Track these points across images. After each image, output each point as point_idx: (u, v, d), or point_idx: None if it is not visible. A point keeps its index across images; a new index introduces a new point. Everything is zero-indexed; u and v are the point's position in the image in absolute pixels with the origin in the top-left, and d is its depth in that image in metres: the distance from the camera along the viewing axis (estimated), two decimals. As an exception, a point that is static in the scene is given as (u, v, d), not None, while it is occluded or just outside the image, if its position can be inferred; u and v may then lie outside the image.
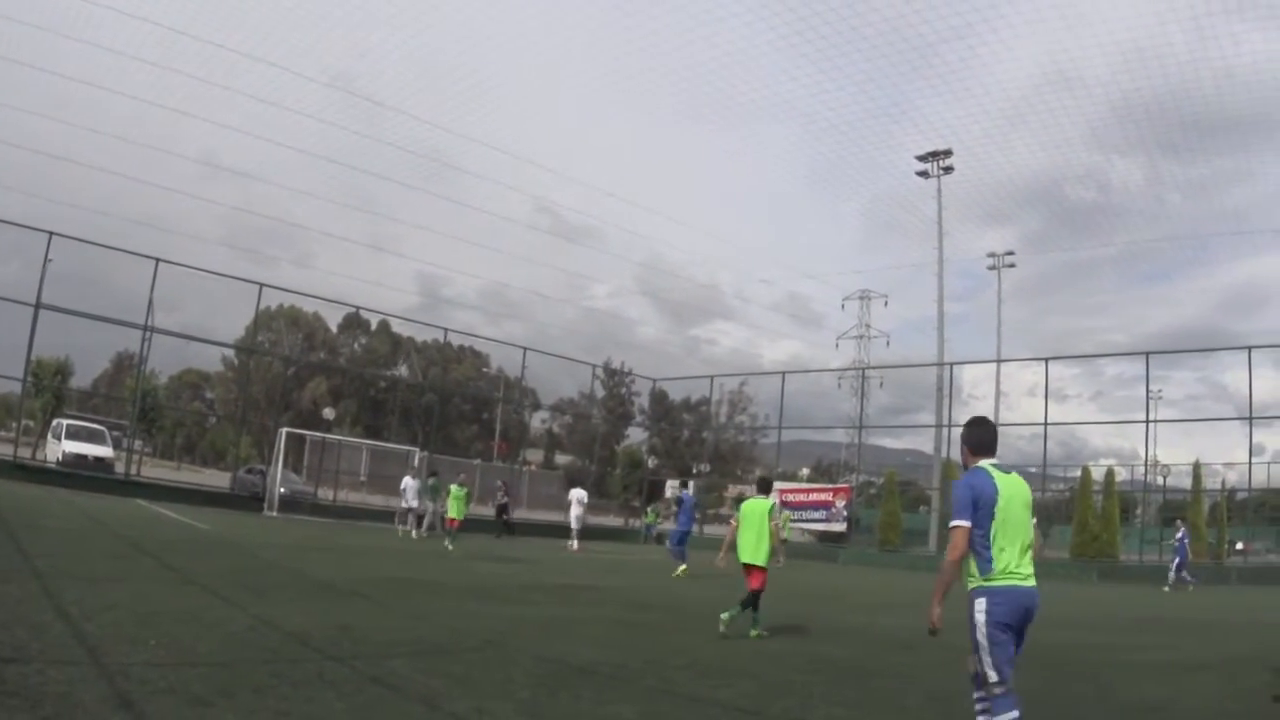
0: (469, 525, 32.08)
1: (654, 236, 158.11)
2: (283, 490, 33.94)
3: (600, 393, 63.19)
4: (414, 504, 30.09)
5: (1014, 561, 5.47)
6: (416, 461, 36.78)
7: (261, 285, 39.08)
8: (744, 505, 12.70)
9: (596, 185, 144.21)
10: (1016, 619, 5.57)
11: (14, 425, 41.12)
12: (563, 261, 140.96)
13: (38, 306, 31.59)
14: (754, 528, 12.33)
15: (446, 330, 50.48)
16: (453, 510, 27.29)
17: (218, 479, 34.19)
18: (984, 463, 5.78)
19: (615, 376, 72.12)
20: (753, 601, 12.08)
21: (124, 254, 35.32)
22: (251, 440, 57.55)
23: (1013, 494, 5.58)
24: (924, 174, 54.90)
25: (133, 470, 36.49)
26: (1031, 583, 5.57)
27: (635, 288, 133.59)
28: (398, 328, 76.28)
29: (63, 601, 8.73)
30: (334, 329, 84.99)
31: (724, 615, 11.55)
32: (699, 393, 62.52)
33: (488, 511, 39.29)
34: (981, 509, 5.46)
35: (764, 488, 13.48)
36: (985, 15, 61.05)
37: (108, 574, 11.95)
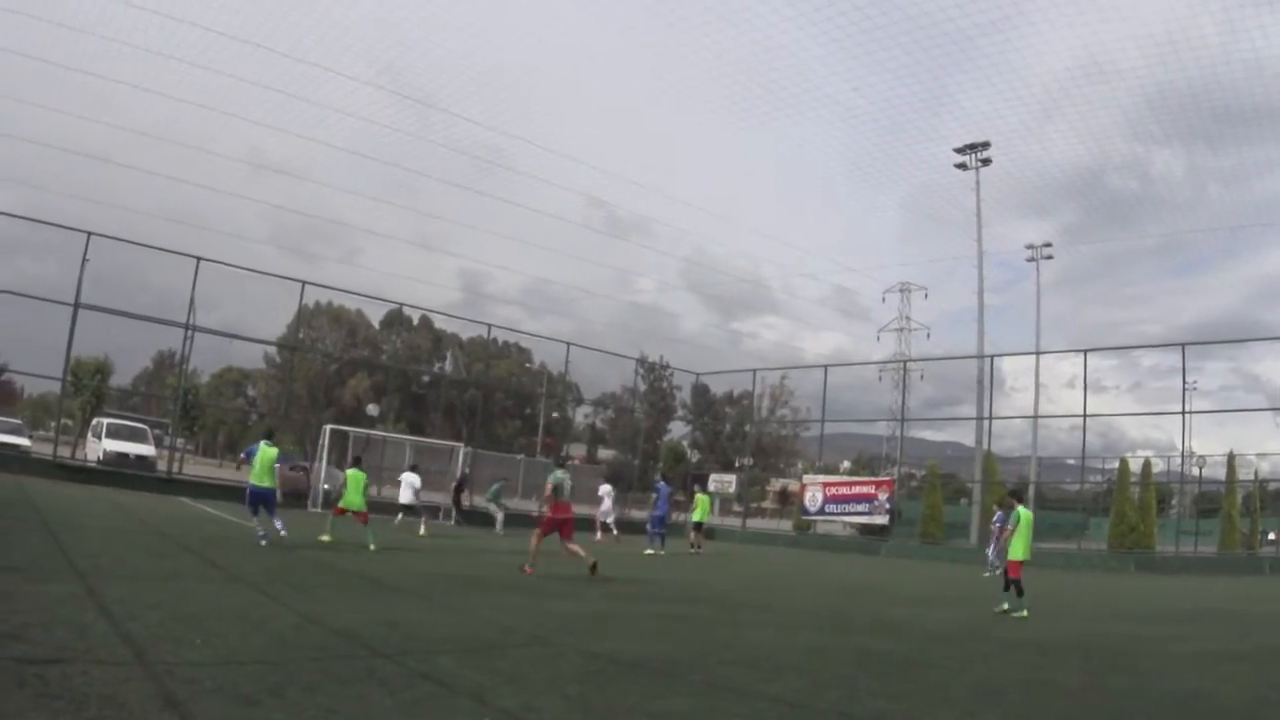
0: (512, 521, 32.21)
1: (698, 231, 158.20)
2: (326, 487, 34.17)
3: (642, 387, 63.16)
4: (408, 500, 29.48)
5: None
6: (408, 454, 37.04)
7: (304, 283, 39.57)
8: (1024, 513, 15.50)
9: (641, 181, 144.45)
10: None
11: (53, 424, 41.61)
12: (607, 257, 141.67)
13: (77, 306, 32.00)
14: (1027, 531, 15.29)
15: (490, 326, 50.52)
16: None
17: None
18: None
19: (655, 371, 72.13)
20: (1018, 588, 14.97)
21: (165, 253, 35.75)
22: (294, 437, 58.06)
23: None
24: (962, 166, 55.38)
25: (174, 468, 36.85)
26: None
27: (679, 282, 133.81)
28: (440, 324, 76.81)
29: (106, 601, 8.76)
30: (376, 325, 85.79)
31: (1003, 606, 14.45)
32: (741, 386, 62.23)
33: (530, 506, 39.38)
34: None
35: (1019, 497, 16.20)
36: (1021, 8, 60.74)
37: (151, 573, 12.04)
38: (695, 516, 31.20)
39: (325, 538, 19.88)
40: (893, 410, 56.48)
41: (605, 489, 32.54)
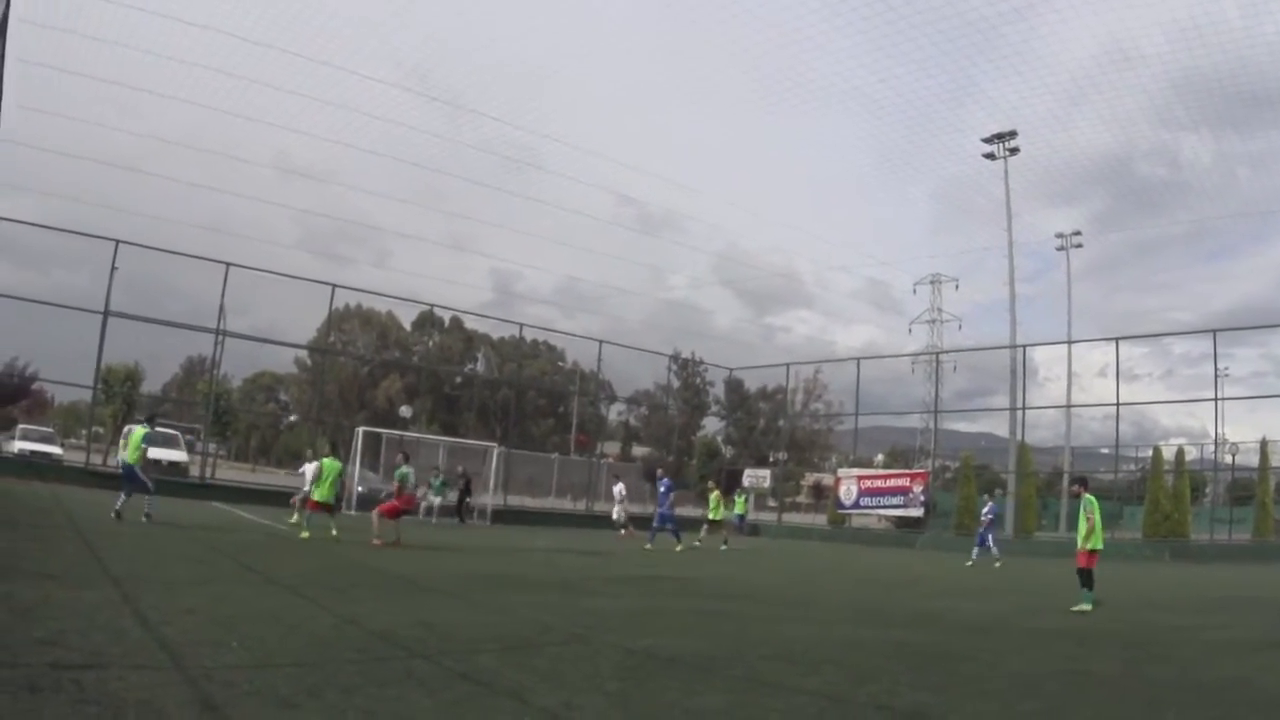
0: (553, 519, 32.25)
1: (729, 226, 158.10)
2: (360, 488, 34.35)
3: (675, 384, 63.39)
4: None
5: None
6: (441, 455, 37.06)
7: (334, 286, 39.97)
8: (1095, 501, 15.56)
9: (671, 177, 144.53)
10: None
11: (84, 432, 42.01)
12: (638, 254, 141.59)
13: (106, 314, 32.40)
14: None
15: (522, 325, 50.83)
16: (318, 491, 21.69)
17: (294, 480, 34.67)
18: None
19: (688, 367, 72.23)
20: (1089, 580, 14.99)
21: (194, 259, 36.13)
22: (327, 440, 58.36)
23: None
24: (990, 156, 55.95)
25: (207, 473, 37.10)
26: None
27: (712, 278, 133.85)
28: (471, 324, 77.09)
29: (141, 606, 8.79)
30: (407, 327, 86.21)
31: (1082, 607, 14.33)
32: (774, 381, 62.37)
33: (570, 505, 39.39)
34: None
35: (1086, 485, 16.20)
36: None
37: (186, 577, 12.09)
38: (711, 514, 31.30)
39: (304, 534, 20.69)
40: (926, 403, 56.39)
41: (618, 488, 32.50)
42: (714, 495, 31.84)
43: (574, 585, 15.15)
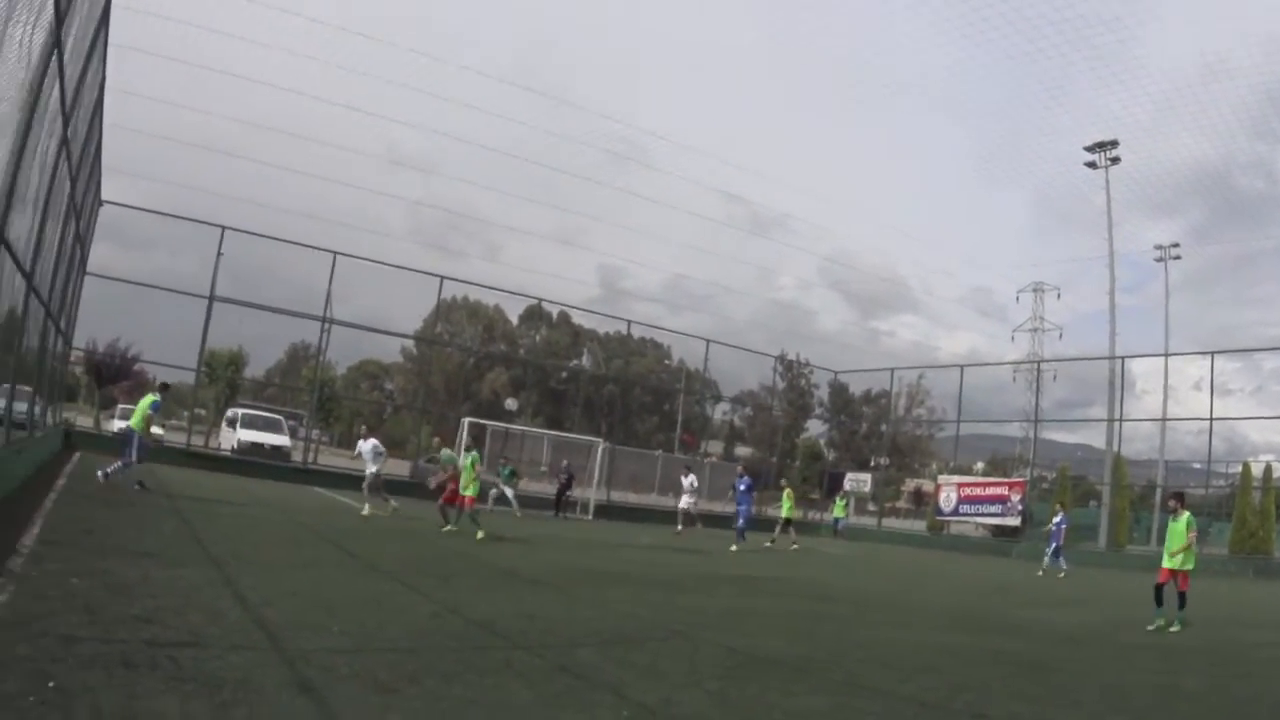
0: (655, 516, 32.26)
1: (837, 228, 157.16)
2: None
3: (781, 385, 63.47)
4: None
5: None
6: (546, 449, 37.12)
7: (442, 278, 40.36)
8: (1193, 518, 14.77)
9: (781, 177, 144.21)
10: None
11: (185, 414, 43.09)
12: (747, 253, 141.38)
13: (211, 299, 33.21)
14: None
15: (630, 323, 51.15)
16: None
17: (396, 468, 35.10)
18: None
19: (793, 368, 72.11)
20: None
21: (300, 247, 36.81)
22: (431, 430, 59.11)
23: None
24: (1092, 165, 56.14)
25: (310, 459, 37.76)
26: None
27: (819, 279, 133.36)
28: (578, 319, 77.57)
29: (240, 587, 8.95)
30: (514, 321, 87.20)
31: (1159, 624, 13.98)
32: (878, 385, 62.44)
33: (668, 501, 39.34)
34: None
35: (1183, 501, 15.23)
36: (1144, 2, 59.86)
37: (286, 560, 12.34)
38: (783, 512, 31.19)
39: (448, 527, 20.44)
40: (1026, 411, 55.97)
41: (690, 480, 32.23)
42: (787, 494, 31.71)
43: (673, 582, 15.30)
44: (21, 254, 12.36)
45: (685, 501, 31.28)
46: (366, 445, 23.47)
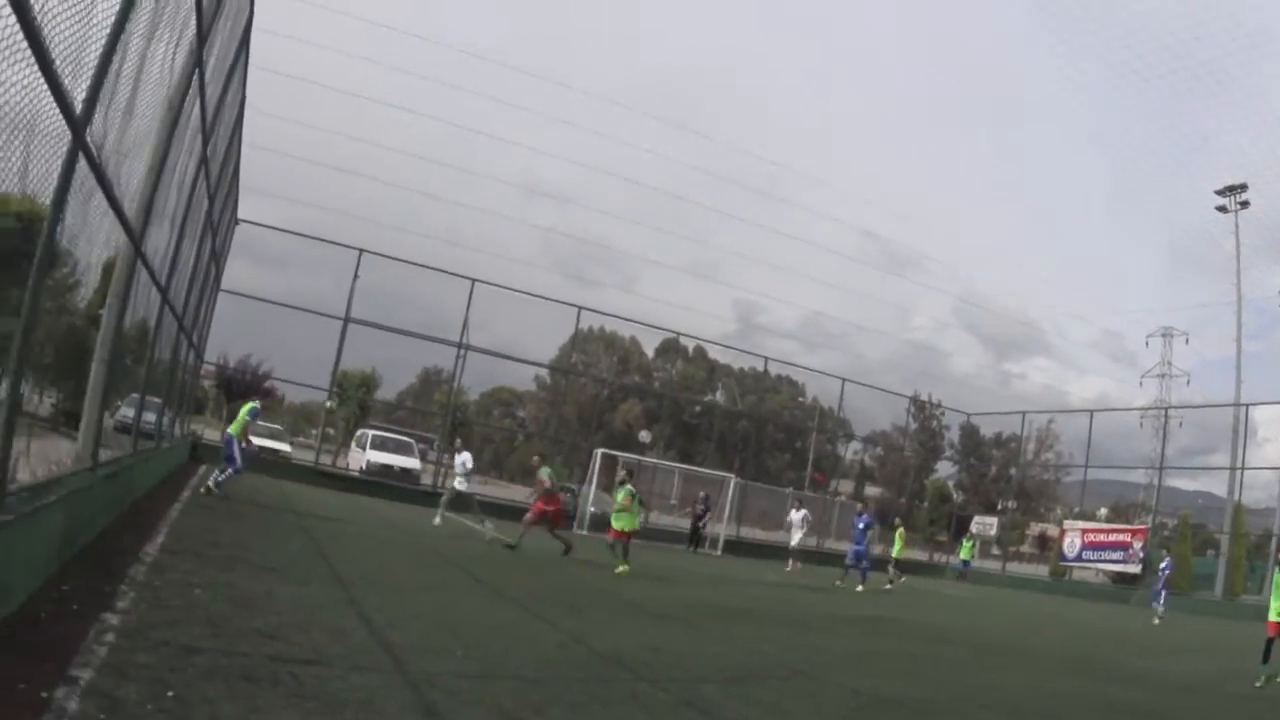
0: (783, 553, 31.98)
1: (971, 268, 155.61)
2: (593, 509, 34.71)
3: (913, 426, 63.20)
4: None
5: None
6: (676, 482, 36.89)
7: (580, 308, 40.79)
8: None
9: (916, 215, 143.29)
10: None
11: (313, 432, 43.99)
12: (882, 292, 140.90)
13: (347, 320, 33.92)
14: None
15: (767, 359, 51.30)
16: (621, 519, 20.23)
17: (525, 495, 35.31)
18: None
19: (925, 409, 71.60)
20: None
21: (436, 272, 37.50)
22: (563, 459, 59.63)
23: None
24: (1222, 209, 56.13)
25: (439, 482, 38.17)
26: None
27: (953, 320, 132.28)
28: (713, 354, 77.74)
29: (365, 607, 8.98)
30: (650, 353, 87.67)
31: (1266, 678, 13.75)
32: (1008, 429, 62.10)
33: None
34: None
35: None
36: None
37: (412, 583, 12.42)
38: (895, 551, 30.69)
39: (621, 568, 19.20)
40: (1150, 458, 54.88)
41: (800, 515, 31.62)
42: (899, 534, 31.21)
43: (798, 620, 15.27)
44: (158, 268, 12.64)
45: (795, 538, 30.94)
46: (459, 458, 23.52)
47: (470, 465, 23.05)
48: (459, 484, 22.27)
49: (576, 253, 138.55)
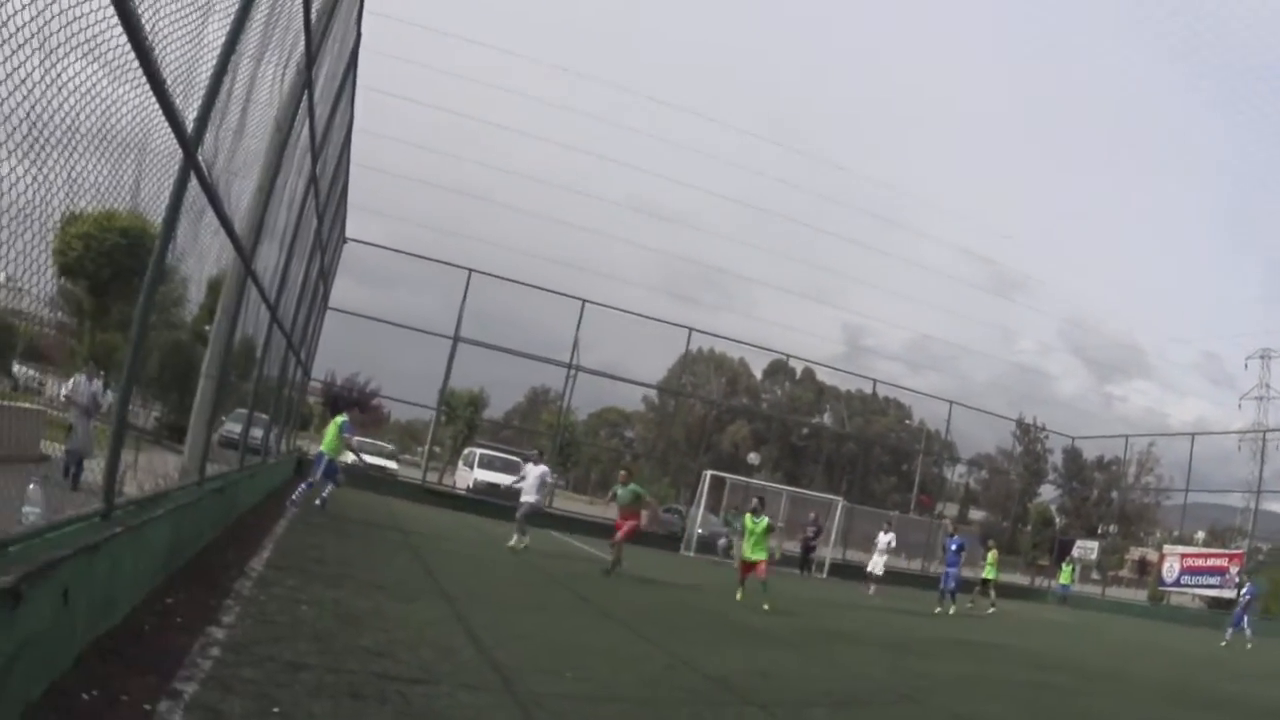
0: (887, 577, 31.61)
1: (1076, 290, 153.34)
2: (701, 531, 34.66)
3: (1017, 449, 62.67)
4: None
5: None
6: (784, 504, 36.67)
7: (691, 330, 40.88)
8: None
9: (1023, 238, 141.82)
10: None
11: (419, 450, 44.52)
12: (988, 314, 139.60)
13: (456, 339, 34.35)
14: None
15: (875, 382, 51.24)
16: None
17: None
18: None
19: (1029, 432, 70.85)
20: None
21: (544, 292, 37.92)
22: (670, 480, 59.71)
23: None
24: None
25: (547, 502, 38.38)
26: None
27: (1058, 343, 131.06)
28: (821, 376, 77.45)
29: (473, 626, 9.02)
30: (758, 375, 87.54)
31: None
32: (1110, 452, 61.30)
33: (905, 564, 38.72)
34: None
35: None
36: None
37: (520, 602, 12.48)
38: (986, 573, 30.06)
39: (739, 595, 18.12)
40: (1248, 481, 53.70)
41: (888, 538, 30.87)
42: (992, 555, 30.57)
43: (900, 644, 15.13)
44: (267, 286, 12.87)
45: (878, 563, 30.34)
46: (535, 471, 21.46)
47: (548, 478, 21.72)
48: (532, 498, 20.92)
49: (686, 273, 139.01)
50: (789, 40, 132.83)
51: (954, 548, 26.59)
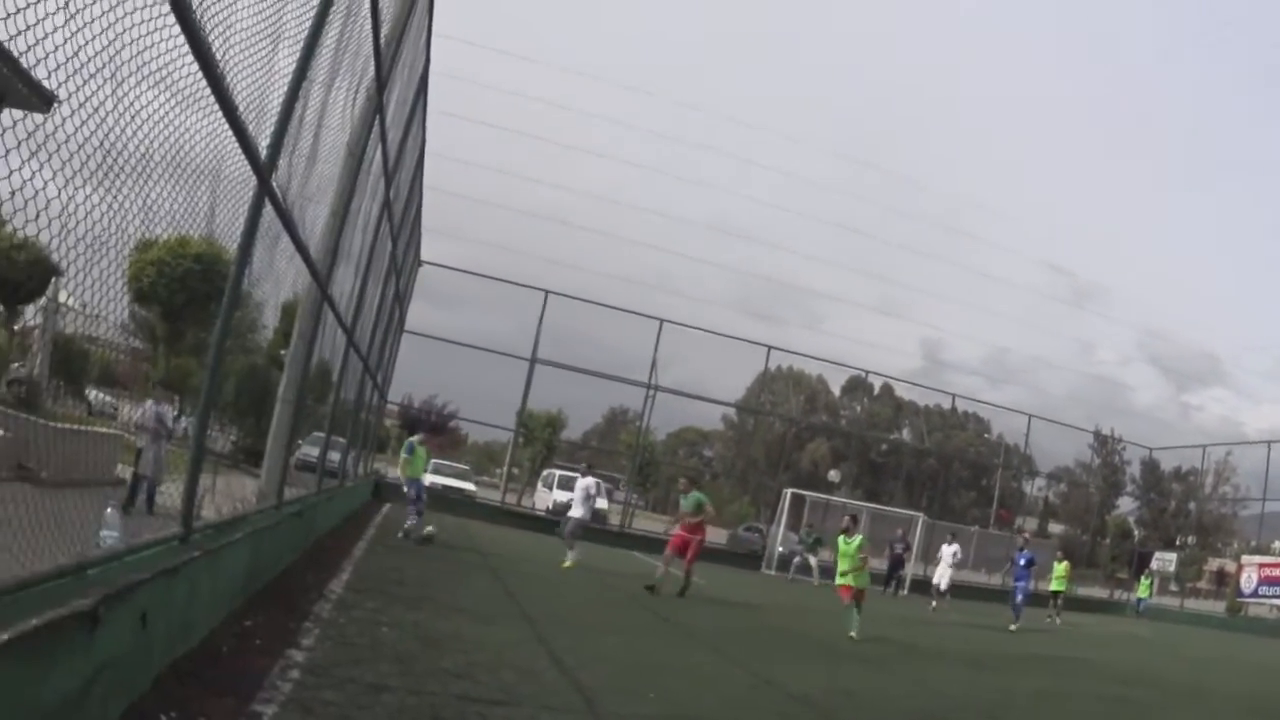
0: (967, 592, 31.29)
1: (1153, 300, 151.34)
2: (781, 549, 34.59)
3: (1095, 461, 62.00)
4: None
5: None
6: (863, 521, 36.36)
7: (770, 348, 40.91)
8: None
9: (1100, 249, 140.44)
10: None
11: (497, 471, 44.82)
12: (1066, 326, 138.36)
13: (533, 361, 34.61)
14: None
15: (954, 396, 50.93)
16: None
17: (712, 535, 35.15)
18: None
19: (1107, 444, 70.02)
20: None
21: (622, 312, 38.08)
22: (750, 499, 59.64)
23: None
24: None
25: (626, 522, 38.44)
26: None
27: (1135, 353, 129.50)
28: (899, 391, 77.18)
29: (554, 647, 9.04)
30: (836, 391, 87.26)
31: None
32: (1187, 462, 60.48)
33: (985, 579, 38.31)
34: None
35: None
36: None
37: (601, 623, 12.49)
38: (1054, 585, 29.54)
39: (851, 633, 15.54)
40: None
41: (952, 550, 30.32)
42: (1062, 567, 30.05)
43: (983, 661, 15.08)
44: (343, 310, 13.03)
45: (945, 575, 29.84)
46: (582, 484, 20.96)
47: (594, 490, 21.28)
48: (579, 513, 20.44)
49: (764, 291, 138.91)
50: (859, 56, 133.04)
51: (1022, 562, 26.26)
